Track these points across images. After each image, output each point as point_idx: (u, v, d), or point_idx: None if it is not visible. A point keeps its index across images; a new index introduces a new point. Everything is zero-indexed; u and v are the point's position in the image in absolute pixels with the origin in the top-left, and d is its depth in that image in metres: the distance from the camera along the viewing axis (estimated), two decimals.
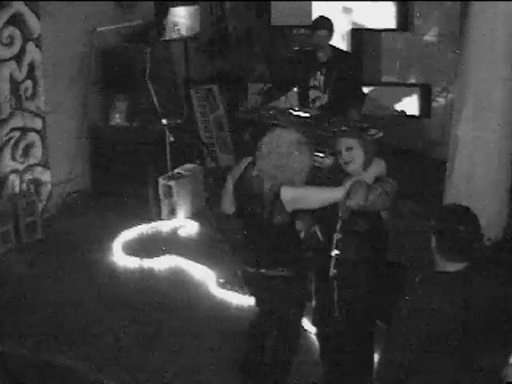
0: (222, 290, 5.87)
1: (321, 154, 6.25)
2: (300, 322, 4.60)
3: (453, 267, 3.34)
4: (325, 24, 6.67)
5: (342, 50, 7.00)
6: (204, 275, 6.11)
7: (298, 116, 6.65)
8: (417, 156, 8.02)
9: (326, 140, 6.32)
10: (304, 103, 6.81)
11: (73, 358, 4.99)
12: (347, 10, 8.07)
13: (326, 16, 6.80)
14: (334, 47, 6.81)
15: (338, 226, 4.31)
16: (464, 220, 3.36)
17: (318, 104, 6.76)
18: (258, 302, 4.59)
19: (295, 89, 7.00)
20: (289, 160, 4.19)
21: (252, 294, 4.65)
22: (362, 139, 4.36)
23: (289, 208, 4.23)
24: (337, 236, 4.31)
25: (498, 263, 5.71)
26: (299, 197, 4.23)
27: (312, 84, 6.74)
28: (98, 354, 5.09)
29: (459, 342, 3.26)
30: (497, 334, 3.32)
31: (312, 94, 6.77)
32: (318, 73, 6.72)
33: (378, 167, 4.38)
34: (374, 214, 4.30)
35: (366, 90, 7.45)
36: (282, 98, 7.18)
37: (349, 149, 4.32)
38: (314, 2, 8.06)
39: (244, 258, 4.50)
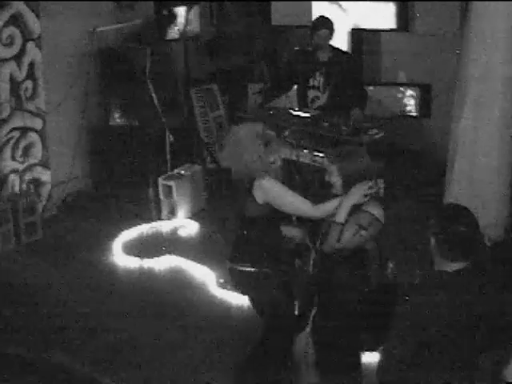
0: (222, 290, 5.88)
1: (320, 154, 6.26)
2: (288, 320, 4.44)
3: (452, 267, 3.34)
4: (325, 24, 6.68)
5: (341, 50, 7.00)
6: (204, 275, 6.11)
7: (297, 116, 6.67)
8: (417, 156, 8.01)
9: (325, 140, 6.34)
10: (303, 103, 6.81)
11: (72, 357, 4.99)
12: (347, 11, 8.06)
13: (326, 16, 6.81)
14: (334, 47, 6.81)
15: (318, 244, 4.21)
16: (462, 219, 3.36)
17: (316, 104, 6.76)
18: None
19: (295, 88, 7.01)
20: (240, 149, 4.17)
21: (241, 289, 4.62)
22: (338, 165, 4.12)
23: (259, 198, 4.18)
24: (313, 255, 4.23)
25: (499, 263, 5.71)
26: (269, 190, 4.16)
27: (311, 84, 6.75)
28: (98, 354, 5.09)
29: (459, 342, 3.25)
30: (496, 333, 3.32)
31: (311, 93, 6.77)
32: (318, 73, 6.72)
33: (354, 196, 4.04)
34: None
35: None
36: (282, 98, 7.18)
37: (329, 173, 4.19)
38: (313, 2, 8.05)
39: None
